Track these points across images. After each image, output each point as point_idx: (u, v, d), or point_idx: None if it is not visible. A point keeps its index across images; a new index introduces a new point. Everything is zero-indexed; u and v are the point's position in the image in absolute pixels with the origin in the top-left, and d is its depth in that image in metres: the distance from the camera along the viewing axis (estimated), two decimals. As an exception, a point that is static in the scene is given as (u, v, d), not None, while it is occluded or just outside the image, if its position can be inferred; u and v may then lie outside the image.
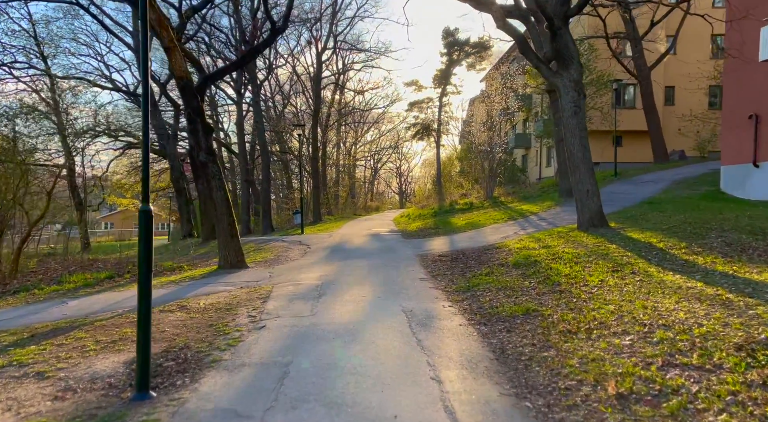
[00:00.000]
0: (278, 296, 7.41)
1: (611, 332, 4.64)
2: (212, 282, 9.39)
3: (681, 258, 7.60)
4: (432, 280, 8.32)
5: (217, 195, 10.64)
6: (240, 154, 28.85)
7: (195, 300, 7.52)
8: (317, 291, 7.60)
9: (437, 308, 6.36)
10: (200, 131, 10.42)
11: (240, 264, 10.80)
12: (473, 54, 47.01)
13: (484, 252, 10.62)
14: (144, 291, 3.77)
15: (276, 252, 13.46)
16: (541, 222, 14.24)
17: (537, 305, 5.96)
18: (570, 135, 11.42)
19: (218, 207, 10.69)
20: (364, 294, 7.37)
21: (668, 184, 18.96)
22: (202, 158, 10.57)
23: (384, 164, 70.53)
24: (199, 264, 12.65)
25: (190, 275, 10.55)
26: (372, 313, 6.20)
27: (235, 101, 29.62)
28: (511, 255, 9.57)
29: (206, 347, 4.95)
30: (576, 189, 11.53)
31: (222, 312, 6.50)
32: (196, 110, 10.36)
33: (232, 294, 7.96)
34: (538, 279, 7.33)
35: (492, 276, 7.96)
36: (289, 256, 12.31)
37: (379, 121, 53.52)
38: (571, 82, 11.38)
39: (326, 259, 11.37)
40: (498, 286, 7.23)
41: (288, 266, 10.67)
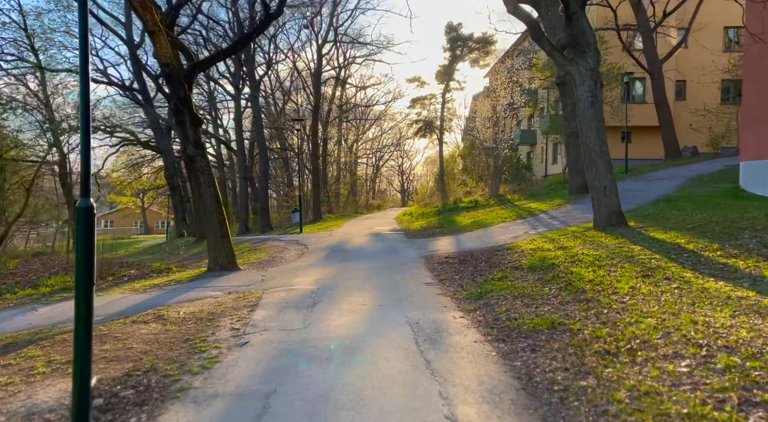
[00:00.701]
0: (268, 304, 6.64)
1: (660, 354, 3.86)
2: (199, 286, 8.63)
3: (718, 261, 6.81)
4: (439, 285, 7.55)
5: (206, 192, 9.88)
6: (238, 150, 28.08)
7: (176, 308, 6.76)
8: (312, 298, 6.82)
9: (447, 319, 5.58)
10: (188, 123, 9.65)
11: (231, 267, 10.03)
12: (477, 49, 46.13)
13: (494, 253, 9.84)
14: (83, 310, 3.02)
15: (271, 252, 12.69)
16: (553, 221, 13.44)
17: (562, 317, 5.17)
18: (586, 127, 10.62)
19: (207, 205, 9.92)
20: (364, 301, 6.59)
21: (683, 181, 18.12)
22: (189, 152, 9.80)
23: (386, 162, 69.79)
24: (189, 266, 11.90)
25: (176, 278, 9.79)
26: (373, 326, 5.42)
27: (233, 96, 28.85)
28: (525, 257, 8.79)
29: (176, 369, 4.18)
30: (592, 185, 10.74)
31: (202, 324, 5.73)
32: (183, 100, 9.58)
33: (217, 300, 7.19)
34: (559, 285, 6.54)
35: (506, 282, 7.18)
36: (284, 257, 11.54)
37: (381, 118, 52.74)
38: (588, 71, 10.57)
39: (324, 261, 10.59)
40: (514, 293, 6.45)
41: (282, 268, 9.90)
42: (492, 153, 23.71)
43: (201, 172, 9.86)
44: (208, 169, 9.93)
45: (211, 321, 5.85)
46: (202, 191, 9.90)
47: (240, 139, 27.76)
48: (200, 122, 9.91)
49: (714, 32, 26.15)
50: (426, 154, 69.69)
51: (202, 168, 9.86)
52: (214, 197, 9.94)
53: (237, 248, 14.75)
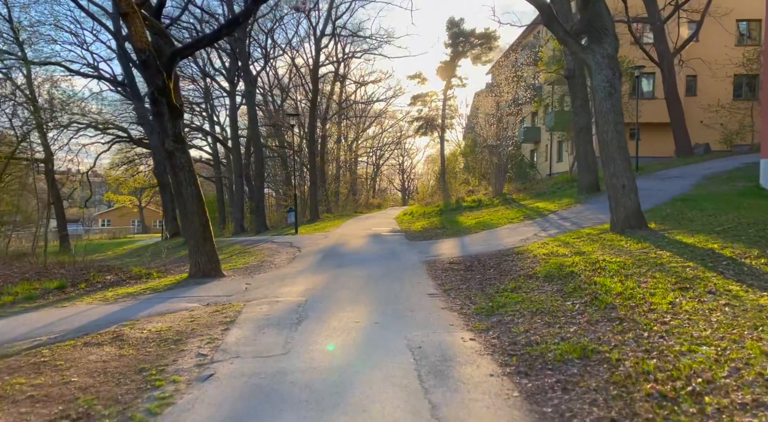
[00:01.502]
0: (247, 320, 5.75)
1: (735, 403, 2.97)
2: (176, 295, 7.76)
3: (764, 271, 5.92)
4: (444, 297, 6.66)
5: (186, 190, 9.00)
6: (233, 147, 27.20)
7: (142, 323, 5.89)
8: (298, 314, 5.94)
9: (455, 343, 4.70)
10: (166, 114, 8.77)
11: (214, 273, 9.16)
12: (479, 45, 45.16)
13: (503, 258, 8.96)
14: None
15: (261, 256, 11.81)
16: (564, 222, 12.57)
17: (594, 342, 4.29)
18: (603, 120, 9.73)
19: (188, 204, 9.04)
20: (357, 317, 5.72)
21: (698, 179, 17.21)
22: (168, 146, 8.92)
23: (386, 160, 68.88)
24: (172, 270, 11.03)
25: (154, 285, 8.92)
26: (367, 352, 4.54)
27: (228, 92, 27.95)
28: (538, 263, 7.91)
29: (115, 416, 3.30)
30: (610, 184, 9.86)
31: (166, 347, 4.85)
32: (161, 89, 8.70)
33: (192, 314, 6.32)
34: (583, 298, 5.66)
35: (520, 293, 6.30)
36: (274, 262, 10.66)
37: (381, 115, 51.82)
38: (605, 59, 9.68)
39: (317, 266, 9.71)
40: (531, 308, 5.57)
41: (270, 275, 9.02)
42: (496, 150, 22.81)
43: (181, 169, 8.98)
44: (188, 166, 9.04)
45: (177, 342, 4.97)
46: (183, 190, 9.02)
47: (235, 135, 26.88)
48: (180, 114, 9.03)
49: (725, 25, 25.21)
50: (427, 153, 68.80)
51: (183, 164, 8.98)
52: (195, 196, 9.07)
53: (226, 251, 13.89)
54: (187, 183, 9.00)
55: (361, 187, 57.07)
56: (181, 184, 9.01)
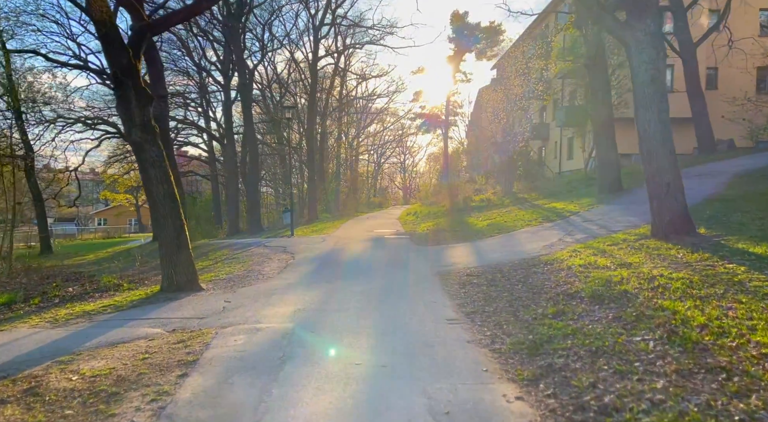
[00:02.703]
0: (214, 360, 4.40)
1: None
2: (138, 316, 6.41)
3: None
4: (467, 323, 5.30)
5: (158, 189, 7.64)
6: (227, 143, 25.83)
7: (80, 361, 4.54)
8: (281, 350, 4.58)
9: (496, 404, 3.34)
10: (132, 99, 7.41)
11: (189, 286, 7.80)
12: (484, 39, 43.76)
13: (530, 269, 7.60)
14: None
15: (249, 264, 10.45)
16: (589, 225, 11.20)
17: (704, 411, 2.94)
18: (644, 109, 8.36)
19: (159, 206, 7.69)
20: (358, 356, 4.36)
21: (729, 177, 15.81)
22: (135, 137, 7.56)
23: (387, 159, 67.51)
24: (147, 280, 9.68)
25: (118, 301, 7.56)
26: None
27: (222, 85, 26.58)
28: (576, 277, 6.56)
29: None
30: (652, 182, 8.52)
31: (92, 408, 3.49)
32: (127, 70, 7.33)
33: (149, 346, 4.97)
34: (655, 332, 4.30)
35: (566, 321, 4.93)
36: (263, 271, 9.29)
37: (382, 112, 50.42)
38: (647, 36, 8.31)
39: (311, 278, 8.35)
40: (588, 346, 4.21)
41: (256, 289, 7.66)
42: (506, 147, 21.42)
43: (151, 164, 7.62)
44: (160, 160, 7.67)
45: (111, 400, 3.61)
46: (153, 188, 7.66)
47: (230, 131, 25.51)
48: (149, 99, 7.66)
49: (748, 15, 23.77)
50: (428, 151, 67.46)
51: (153, 158, 7.61)
52: (168, 196, 7.71)
53: (212, 256, 12.54)
54: (158, 180, 7.64)
55: (362, 185, 55.72)
56: (152, 182, 7.65)
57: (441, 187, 37.62)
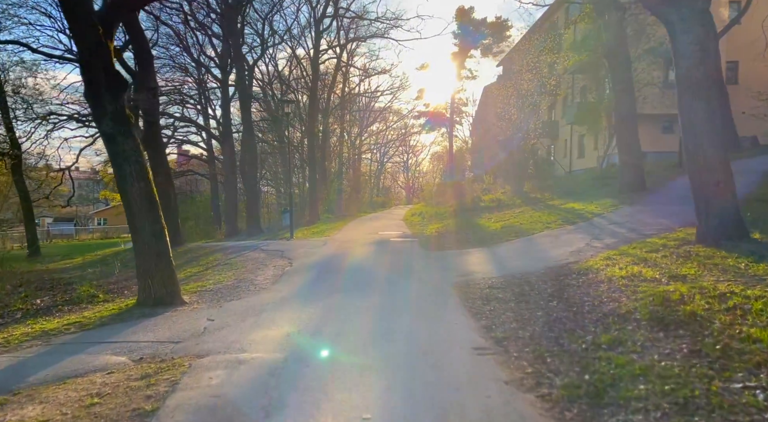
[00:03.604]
0: (180, 409, 3.38)
1: None
2: (104, 338, 5.41)
3: None
4: (501, 355, 4.28)
5: (132, 188, 6.64)
6: (226, 141, 24.82)
7: (6, 412, 3.53)
8: (267, 394, 3.56)
9: None
10: (103, 85, 6.40)
11: (170, 299, 6.79)
12: (490, 35, 42.67)
13: (562, 281, 6.58)
14: None
15: (242, 271, 9.43)
16: (618, 229, 10.16)
17: None
18: (690, 95, 7.32)
19: (135, 208, 6.69)
20: (367, 409, 3.33)
21: (759, 176, 14.73)
22: (106, 128, 6.55)
23: (390, 158, 66.44)
24: (125, 290, 8.70)
25: (87, 317, 6.57)
26: None
27: (220, 80, 25.58)
28: (620, 291, 5.54)
29: None
30: (698, 180, 7.49)
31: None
32: (95, 50, 6.32)
33: (104, 383, 3.96)
34: (758, 376, 3.27)
35: (626, 354, 3.90)
36: (255, 281, 8.27)
37: (386, 110, 49.34)
38: (695, 13, 7.27)
39: (309, 290, 7.32)
40: (671, 396, 3.17)
41: (244, 304, 6.64)
42: (515, 145, 20.37)
43: (125, 159, 6.62)
44: (135, 155, 6.66)
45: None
46: (128, 187, 6.66)
47: (228, 127, 24.51)
48: (123, 85, 6.66)
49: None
50: (432, 150, 66.43)
51: (127, 153, 6.61)
52: (145, 196, 6.70)
53: (203, 261, 11.54)
54: (133, 178, 6.63)
55: (365, 185, 54.71)
56: (126, 180, 6.64)
57: (446, 186, 36.59)
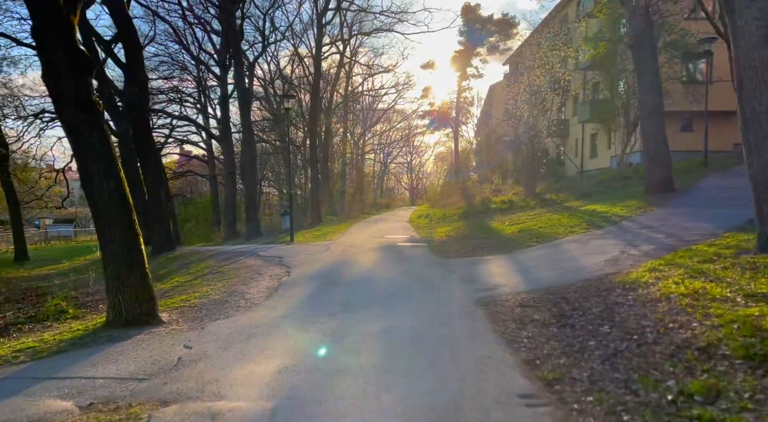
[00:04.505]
0: None
1: None
2: (55, 372, 4.41)
3: None
4: (556, 407, 3.24)
5: (100, 189, 5.63)
6: (224, 139, 23.84)
7: None
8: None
9: None
10: (63, 66, 5.40)
11: (145, 318, 5.78)
12: (497, 32, 41.72)
13: (606, 297, 5.54)
14: None
15: (233, 281, 8.41)
16: (653, 234, 9.10)
17: None
18: (753, 80, 6.30)
19: (102, 211, 5.68)
20: None
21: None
22: (68, 117, 5.55)
23: (394, 158, 65.42)
24: (100, 304, 7.68)
25: (45, 340, 5.56)
26: None
27: (218, 77, 24.62)
28: (686, 313, 4.54)
29: None
30: (761, 181, 6.41)
31: None
32: (53, 22, 5.32)
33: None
34: None
35: (734, 413, 2.87)
36: (247, 294, 7.24)
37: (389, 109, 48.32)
38: (758, -16, 6.22)
39: (307, 309, 6.29)
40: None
41: (231, 325, 5.61)
42: (529, 143, 19.33)
43: (91, 154, 5.61)
44: (103, 150, 5.66)
45: None
46: (94, 187, 5.65)
47: (226, 126, 23.53)
48: (88, 66, 5.66)
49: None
50: (436, 150, 65.43)
51: (93, 147, 5.60)
52: (115, 198, 5.69)
53: (193, 269, 10.53)
54: (101, 176, 5.63)
55: (368, 186, 53.71)
56: (92, 179, 5.63)
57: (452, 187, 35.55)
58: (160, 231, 13.74)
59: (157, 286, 9.23)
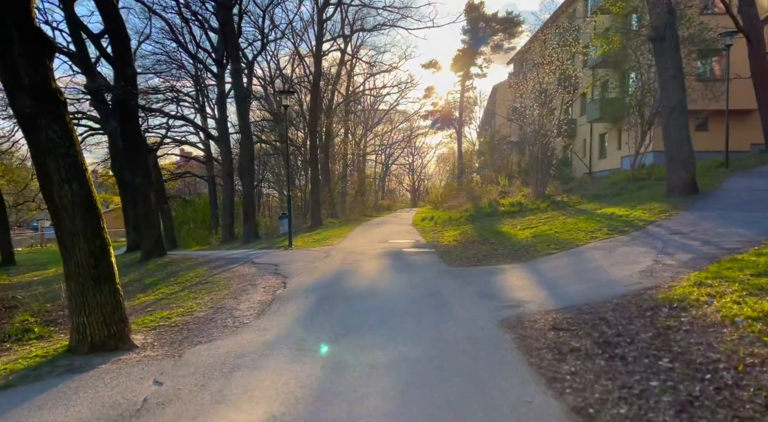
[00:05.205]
0: None
1: None
2: (-10, 419, 3.59)
3: None
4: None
5: (60, 191, 4.82)
6: (221, 139, 23.03)
7: None
8: None
9: None
10: (16, 48, 4.60)
11: (113, 343, 4.96)
12: (501, 31, 40.89)
13: (654, 319, 4.72)
14: None
15: (223, 293, 7.58)
16: (686, 240, 8.25)
17: None
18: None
19: (64, 217, 4.86)
20: None
21: None
22: (22, 107, 4.72)
23: (395, 160, 64.60)
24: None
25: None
26: None
27: (215, 75, 23.81)
28: (765, 345, 3.68)
29: None
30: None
31: None
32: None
33: None
34: None
35: None
36: (236, 311, 6.40)
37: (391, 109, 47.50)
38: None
39: (302, 331, 5.44)
40: None
41: (214, 352, 4.78)
42: (540, 141, 18.51)
43: (51, 151, 4.80)
44: (66, 146, 4.83)
45: None
46: (54, 190, 4.83)
47: (224, 125, 22.71)
48: (48, 49, 4.84)
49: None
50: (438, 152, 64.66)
51: (53, 143, 4.78)
52: (79, 202, 4.87)
53: (180, 279, 9.70)
54: (61, 177, 4.81)
55: (369, 187, 52.89)
56: (51, 179, 4.82)
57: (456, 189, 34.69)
58: (149, 235, 12.92)
59: (139, 298, 8.43)
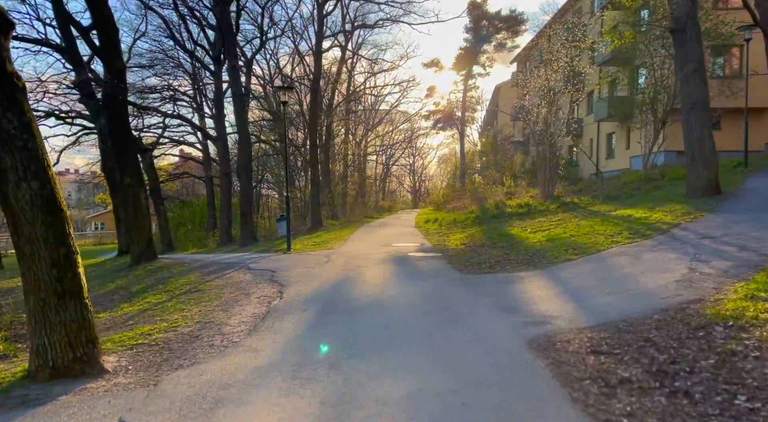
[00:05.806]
0: None
1: None
2: None
3: None
4: None
5: (18, 192, 4.15)
6: (219, 139, 22.35)
7: None
8: None
9: None
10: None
11: (79, 368, 4.28)
12: (504, 29, 40.25)
13: (708, 340, 4.04)
14: None
15: (212, 305, 6.89)
16: (719, 246, 7.56)
17: None
18: None
19: (22, 222, 4.19)
20: None
21: None
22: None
23: (396, 160, 63.91)
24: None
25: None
26: None
27: (212, 72, 23.15)
28: None
29: None
30: None
31: None
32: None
33: None
34: None
35: None
36: (226, 326, 5.71)
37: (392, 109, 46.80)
38: None
39: (300, 352, 4.74)
40: None
41: (195, 381, 4.08)
42: (548, 140, 17.83)
43: (2, 144, 4.11)
44: (23, 139, 4.15)
45: None
46: (9, 190, 4.15)
47: (221, 123, 22.03)
48: (5, 23, 4.17)
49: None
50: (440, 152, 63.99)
51: (7, 135, 4.10)
52: (40, 204, 4.20)
53: (170, 286, 8.99)
54: (17, 175, 4.13)
55: (370, 188, 52.21)
56: (7, 177, 4.14)
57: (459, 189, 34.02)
58: (139, 238, 12.23)
59: (123, 308, 7.74)
